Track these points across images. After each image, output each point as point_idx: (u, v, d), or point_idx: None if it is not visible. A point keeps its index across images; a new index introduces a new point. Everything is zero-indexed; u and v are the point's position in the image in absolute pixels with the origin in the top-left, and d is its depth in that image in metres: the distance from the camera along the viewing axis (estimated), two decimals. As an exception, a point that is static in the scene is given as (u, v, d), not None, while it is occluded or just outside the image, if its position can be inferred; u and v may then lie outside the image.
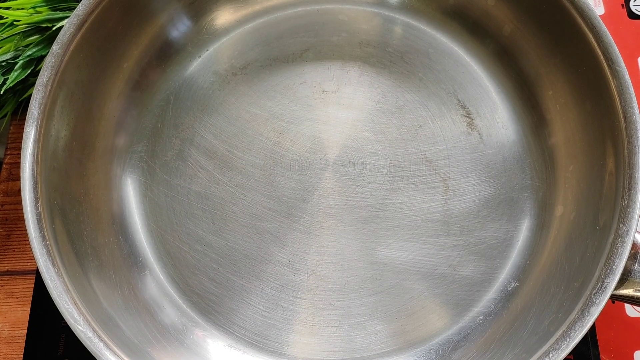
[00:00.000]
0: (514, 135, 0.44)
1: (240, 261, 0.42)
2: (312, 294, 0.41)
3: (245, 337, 0.40)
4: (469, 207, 0.42)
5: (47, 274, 0.34)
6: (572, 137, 0.41)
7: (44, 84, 0.37)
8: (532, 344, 0.35)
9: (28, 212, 0.35)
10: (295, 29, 0.47)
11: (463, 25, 0.46)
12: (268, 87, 0.45)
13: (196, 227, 0.42)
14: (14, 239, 0.48)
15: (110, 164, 0.43)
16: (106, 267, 0.39)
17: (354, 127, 0.44)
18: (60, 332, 0.44)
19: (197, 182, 0.43)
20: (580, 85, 0.39)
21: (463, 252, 0.41)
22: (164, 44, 0.45)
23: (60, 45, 0.37)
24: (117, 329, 0.36)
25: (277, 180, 0.43)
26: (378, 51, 0.46)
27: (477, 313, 0.40)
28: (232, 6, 0.47)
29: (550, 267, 0.39)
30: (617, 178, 0.35)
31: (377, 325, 0.40)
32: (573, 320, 0.33)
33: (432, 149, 0.43)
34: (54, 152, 0.38)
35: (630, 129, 0.35)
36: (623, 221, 0.34)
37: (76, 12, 0.38)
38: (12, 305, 0.46)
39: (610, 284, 0.33)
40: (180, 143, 0.44)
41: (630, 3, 0.53)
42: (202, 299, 0.41)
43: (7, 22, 0.46)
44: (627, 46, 0.52)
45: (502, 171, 0.43)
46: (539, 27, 0.42)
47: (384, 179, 0.43)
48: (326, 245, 0.42)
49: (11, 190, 0.49)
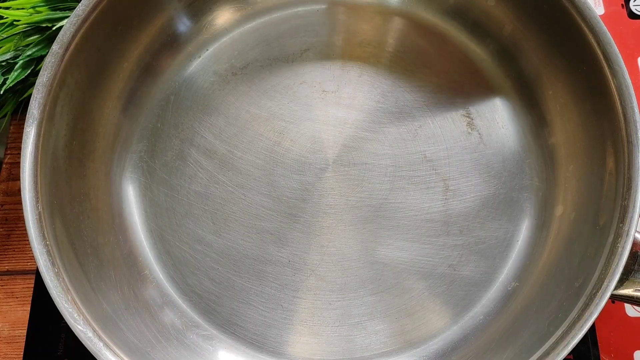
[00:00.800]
0: (514, 135, 0.44)
1: (240, 261, 0.42)
2: (312, 294, 0.41)
3: (245, 337, 0.40)
4: (469, 207, 0.42)
5: (47, 274, 0.34)
6: (572, 137, 0.41)
7: (44, 84, 0.37)
8: (532, 344, 0.35)
9: (28, 212, 0.35)
10: (295, 28, 0.47)
11: (463, 25, 0.46)
12: (268, 87, 0.45)
13: (196, 227, 0.42)
14: (14, 239, 0.48)
15: (110, 164, 0.43)
16: (106, 267, 0.39)
17: (354, 127, 0.44)
18: (60, 332, 0.44)
19: (197, 182, 0.43)
20: (580, 85, 0.39)
21: (463, 252, 0.41)
22: (163, 43, 0.45)
23: (60, 45, 0.37)
24: (117, 329, 0.36)
25: (277, 180, 0.43)
26: (378, 51, 0.46)
27: (477, 313, 0.40)
28: (232, 6, 0.47)
29: (550, 267, 0.39)
30: (617, 178, 0.36)
31: (377, 325, 0.40)
32: (573, 320, 0.33)
33: (432, 149, 0.43)
34: (54, 152, 0.38)
35: (630, 128, 0.35)
36: (623, 221, 0.34)
37: (76, 11, 0.38)
38: (12, 305, 0.46)
39: (610, 284, 0.33)
40: (180, 143, 0.44)
41: (630, 3, 0.53)
42: (202, 299, 0.41)
43: (7, 22, 0.46)
44: (627, 46, 0.52)
45: (502, 171, 0.43)
46: (539, 27, 0.42)
47: (384, 178, 0.43)
48: (326, 245, 0.42)
49: (11, 190, 0.49)
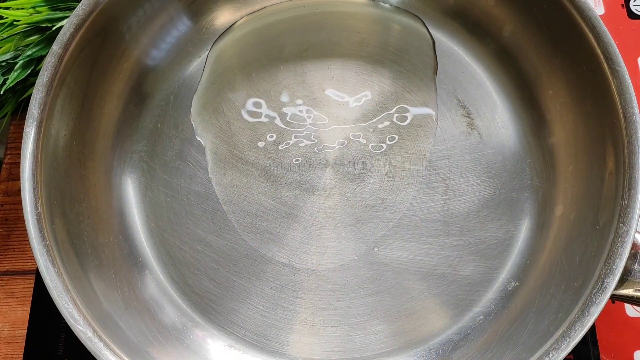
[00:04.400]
0: (514, 135, 0.44)
1: (240, 261, 0.42)
2: (312, 294, 0.41)
3: (245, 337, 0.40)
4: (469, 207, 0.42)
5: (47, 274, 0.34)
6: (572, 137, 0.41)
7: (44, 84, 0.37)
8: (532, 344, 0.35)
9: (28, 212, 0.35)
10: (295, 28, 0.47)
11: (463, 25, 0.46)
12: (268, 86, 0.45)
13: (196, 227, 0.42)
14: (14, 239, 0.48)
15: (110, 164, 0.43)
16: (106, 267, 0.39)
17: (354, 126, 0.44)
18: (60, 332, 0.44)
19: (197, 182, 0.43)
20: (580, 85, 0.39)
21: (463, 252, 0.41)
22: (163, 44, 0.45)
23: (60, 45, 0.37)
24: (117, 329, 0.36)
25: (277, 179, 0.43)
26: (378, 50, 0.46)
27: (477, 313, 0.40)
28: (232, 6, 0.47)
29: (550, 267, 0.39)
30: (617, 178, 0.35)
31: (377, 325, 0.40)
32: (573, 320, 0.33)
33: (432, 149, 0.43)
34: (54, 152, 0.38)
35: (630, 129, 0.35)
36: (623, 221, 0.34)
37: (76, 11, 0.38)
38: (12, 305, 0.46)
39: (610, 284, 0.33)
40: (180, 143, 0.44)
41: (630, 3, 0.53)
42: (202, 299, 0.41)
43: (7, 22, 0.46)
44: (627, 46, 0.52)
45: (502, 171, 0.43)
46: (539, 27, 0.42)
47: (384, 178, 0.43)
48: (326, 245, 0.42)
49: (11, 190, 0.49)
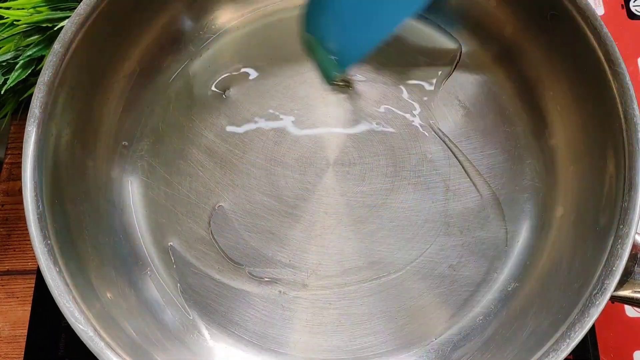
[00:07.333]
0: (514, 137, 0.44)
1: (241, 260, 0.42)
2: (312, 294, 0.41)
3: (246, 337, 0.40)
4: (469, 207, 0.42)
5: (48, 273, 0.34)
6: (573, 138, 0.41)
7: (45, 83, 0.36)
8: (531, 345, 0.35)
9: (29, 212, 0.34)
10: (296, 28, 0.47)
11: (464, 26, 0.46)
12: (269, 86, 0.45)
13: (197, 227, 0.42)
14: (14, 239, 0.48)
15: (110, 163, 0.43)
16: (107, 266, 0.39)
17: (354, 126, 0.44)
18: (60, 332, 0.44)
19: (198, 181, 0.43)
20: (581, 87, 0.40)
21: (463, 252, 0.41)
22: (164, 43, 0.45)
23: (62, 45, 0.37)
24: (118, 328, 0.36)
25: (277, 179, 0.43)
26: (378, 51, 0.46)
27: (477, 313, 0.40)
28: (232, 6, 0.47)
29: (550, 267, 0.39)
30: (617, 179, 0.36)
31: (377, 325, 0.40)
32: (573, 321, 0.33)
33: (433, 149, 0.43)
34: (55, 151, 0.38)
35: (631, 130, 0.35)
36: (623, 223, 0.34)
37: (77, 10, 0.38)
38: (12, 305, 0.46)
39: (610, 285, 0.33)
40: (181, 142, 0.44)
41: (630, 3, 0.53)
42: (203, 298, 0.41)
43: (7, 22, 0.46)
44: (627, 47, 0.52)
45: (503, 172, 0.43)
46: (540, 28, 0.42)
47: (385, 178, 0.43)
48: (326, 245, 0.42)
49: (12, 190, 0.49)
